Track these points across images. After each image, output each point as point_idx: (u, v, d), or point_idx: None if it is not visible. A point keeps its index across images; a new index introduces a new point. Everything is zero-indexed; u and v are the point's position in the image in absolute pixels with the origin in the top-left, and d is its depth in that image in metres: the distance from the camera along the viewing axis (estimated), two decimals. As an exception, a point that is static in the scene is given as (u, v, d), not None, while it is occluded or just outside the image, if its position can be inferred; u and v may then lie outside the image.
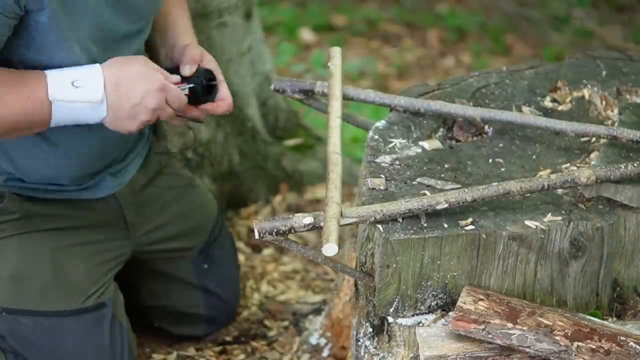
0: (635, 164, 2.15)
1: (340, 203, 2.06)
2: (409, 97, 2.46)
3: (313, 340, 2.85)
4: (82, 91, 2.15)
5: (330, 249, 1.95)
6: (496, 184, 2.12)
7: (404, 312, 2.13)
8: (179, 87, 2.31)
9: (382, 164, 2.28)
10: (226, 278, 2.86)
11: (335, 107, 2.35)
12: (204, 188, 2.91)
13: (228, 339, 2.90)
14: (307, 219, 2.05)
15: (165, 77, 2.26)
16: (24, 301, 2.36)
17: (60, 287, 2.40)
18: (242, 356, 2.86)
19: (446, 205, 2.09)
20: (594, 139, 2.38)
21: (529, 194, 2.15)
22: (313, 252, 2.13)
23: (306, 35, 5.07)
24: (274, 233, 2.04)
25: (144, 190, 2.63)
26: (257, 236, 2.04)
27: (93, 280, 2.45)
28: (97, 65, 2.19)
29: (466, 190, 2.11)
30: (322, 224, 2.03)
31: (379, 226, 2.09)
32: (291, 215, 2.06)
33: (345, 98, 2.44)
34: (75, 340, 2.42)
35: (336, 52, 2.50)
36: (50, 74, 2.15)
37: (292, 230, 2.04)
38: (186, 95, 2.33)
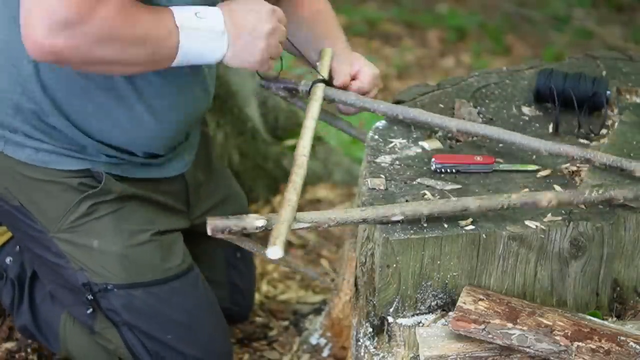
0: (600, 191, 2.12)
1: (296, 207, 2.04)
2: (388, 102, 2.45)
3: (313, 340, 2.85)
4: (206, 21, 2.28)
5: (274, 251, 1.92)
6: (455, 199, 2.10)
7: (404, 312, 2.13)
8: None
9: (382, 164, 2.28)
10: (249, 274, 2.93)
11: (314, 108, 2.35)
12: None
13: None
14: (260, 222, 2.04)
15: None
16: (133, 275, 2.49)
17: (162, 257, 2.53)
18: (242, 356, 2.86)
19: (401, 217, 2.07)
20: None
21: (490, 212, 2.12)
22: (265, 251, 2.09)
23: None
24: (226, 232, 2.05)
25: (201, 170, 2.74)
26: (209, 232, 2.04)
27: (181, 248, 2.59)
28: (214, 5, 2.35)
29: (423, 202, 2.09)
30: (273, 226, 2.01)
31: (379, 226, 2.09)
32: (245, 216, 2.06)
33: (326, 99, 2.43)
34: (181, 301, 2.55)
35: (327, 52, 2.50)
36: (174, 7, 2.29)
37: (244, 230, 2.04)
38: None
